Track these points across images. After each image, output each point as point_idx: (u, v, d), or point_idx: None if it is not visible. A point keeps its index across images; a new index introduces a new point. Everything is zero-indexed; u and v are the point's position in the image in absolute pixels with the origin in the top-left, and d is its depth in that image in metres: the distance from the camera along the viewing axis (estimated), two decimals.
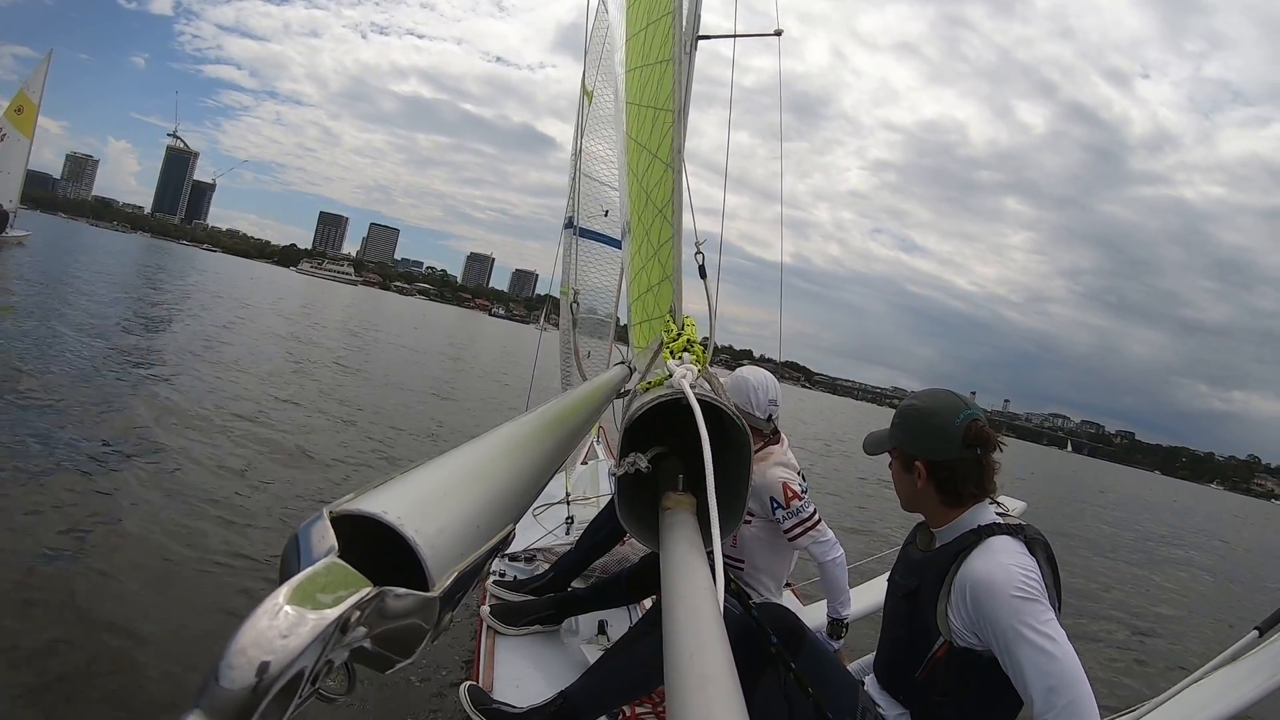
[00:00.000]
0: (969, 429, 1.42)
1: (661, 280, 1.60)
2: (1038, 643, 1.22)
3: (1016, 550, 1.34)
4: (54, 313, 10.29)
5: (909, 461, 1.49)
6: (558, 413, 0.86)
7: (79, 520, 3.53)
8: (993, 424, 1.48)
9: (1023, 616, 1.24)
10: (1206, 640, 6.18)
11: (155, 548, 3.46)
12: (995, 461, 1.46)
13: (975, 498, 1.44)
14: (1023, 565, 1.31)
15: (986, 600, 1.28)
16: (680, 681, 0.47)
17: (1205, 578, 10.79)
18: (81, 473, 4.13)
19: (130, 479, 4.24)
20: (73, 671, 2.44)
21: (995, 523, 1.41)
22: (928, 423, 1.47)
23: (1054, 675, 1.19)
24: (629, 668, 1.92)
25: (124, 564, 3.24)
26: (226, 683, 0.27)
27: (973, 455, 1.42)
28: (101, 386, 6.45)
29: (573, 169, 3.68)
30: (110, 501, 3.86)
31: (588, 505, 3.58)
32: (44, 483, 3.88)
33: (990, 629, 1.28)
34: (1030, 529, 1.42)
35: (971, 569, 1.34)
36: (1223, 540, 19.57)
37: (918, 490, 1.49)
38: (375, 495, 0.41)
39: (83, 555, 3.22)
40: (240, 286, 32.51)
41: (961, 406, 1.46)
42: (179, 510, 3.99)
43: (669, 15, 1.86)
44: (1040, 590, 1.28)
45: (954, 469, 1.43)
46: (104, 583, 3.04)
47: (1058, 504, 16.84)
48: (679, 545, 0.77)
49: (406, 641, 0.38)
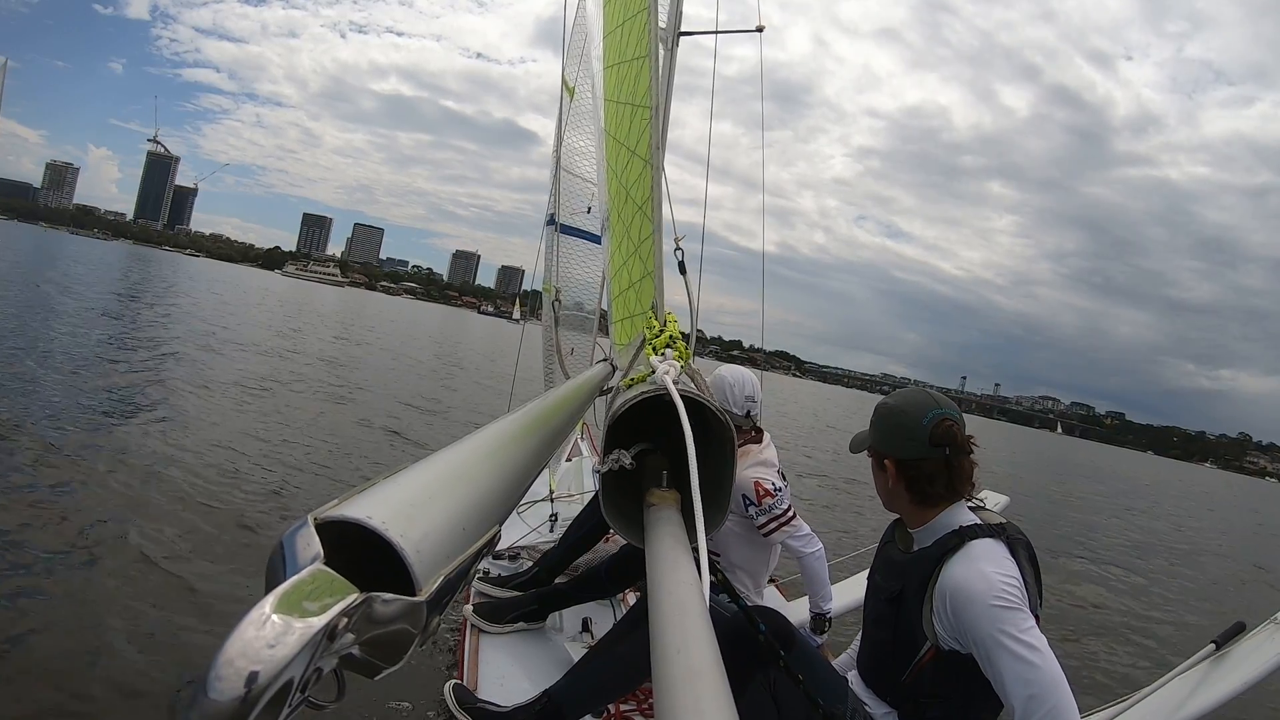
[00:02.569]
0: (936, 428, 1.42)
1: (643, 277, 1.60)
2: (1018, 651, 1.22)
3: (999, 555, 1.34)
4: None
5: (881, 460, 1.50)
6: (541, 412, 0.86)
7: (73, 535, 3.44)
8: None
9: (1003, 625, 1.24)
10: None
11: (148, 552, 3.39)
12: (969, 463, 1.45)
13: (946, 499, 1.44)
14: (1004, 570, 1.30)
15: (966, 608, 1.28)
16: (668, 677, 0.47)
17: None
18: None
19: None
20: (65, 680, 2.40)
21: (976, 524, 1.40)
22: (897, 421, 1.47)
23: (1035, 683, 1.20)
24: (613, 665, 1.93)
25: (116, 573, 3.18)
26: (215, 694, 0.27)
27: (940, 455, 1.42)
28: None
29: (554, 165, 3.66)
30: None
31: (572, 502, 3.58)
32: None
33: (970, 636, 1.28)
34: (1011, 528, 1.42)
35: (952, 576, 1.33)
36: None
37: (890, 489, 1.49)
38: (360, 500, 0.41)
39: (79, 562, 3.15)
40: (223, 296, 29.84)
41: (931, 405, 1.45)
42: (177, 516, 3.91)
43: (645, 11, 1.85)
44: (1021, 597, 1.28)
45: (921, 468, 1.43)
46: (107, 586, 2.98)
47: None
48: (664, 541, 0.78)
49: (395, 647, 0.38)
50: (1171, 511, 19.97)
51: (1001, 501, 3.51)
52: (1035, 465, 28.88)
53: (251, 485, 4.83)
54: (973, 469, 1.47)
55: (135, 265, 46.74)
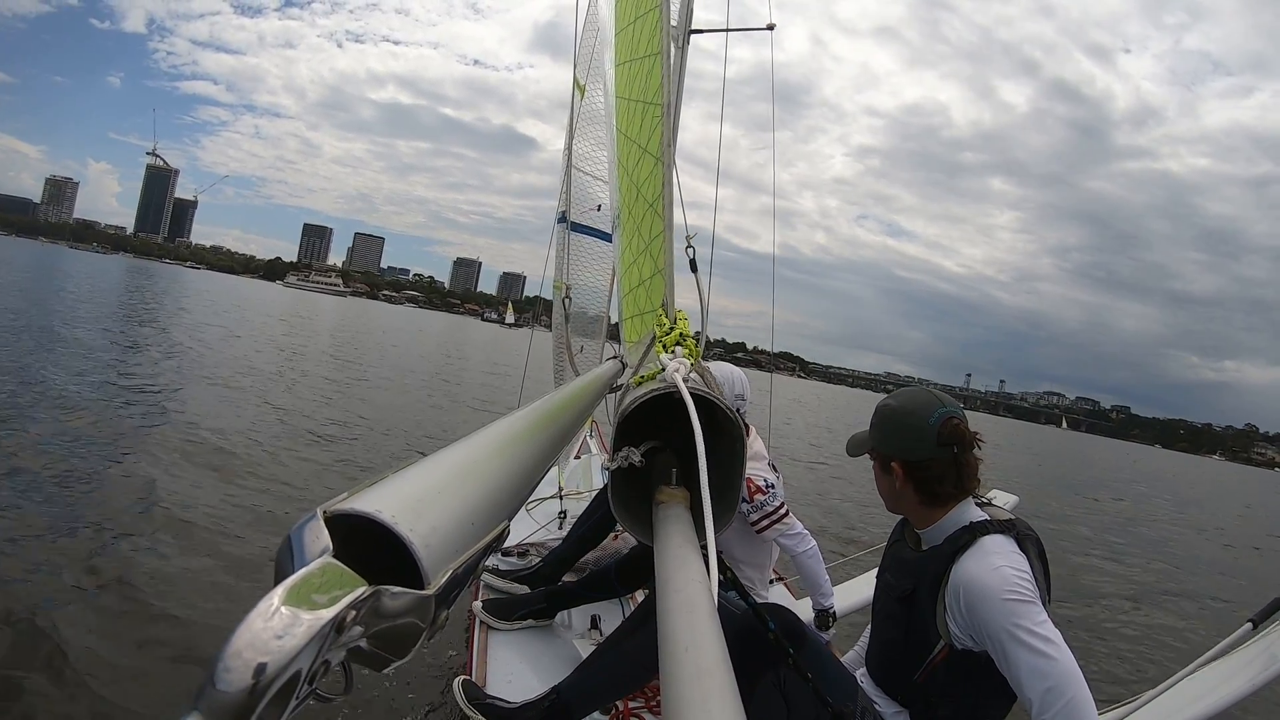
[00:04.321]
0: (944, 427, 1.41)
1: (653, 275, 1.60)
2: (1033, 645, 1.22)
3: (1009, 550, 1.34)
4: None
5: (886, 463, 1.49)
6: (550, 409, 0.86)
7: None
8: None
9: (1017, 619, 1.24)
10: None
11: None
12: (975, 459, 1.45)
13: (955, 497, 1.44)
14: (1015, 565, 1.30)
15: (979, 604, 1.28)
16: (676, 675, 0.47)
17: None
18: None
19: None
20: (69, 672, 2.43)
21: (986, 520, 1.40)
22: (902, 423, 1.46)
23: (1051, 676, 1.20)
24: (621, 662, 1.93)
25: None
26: (224, 685, 0.27)
27: (949, 454, 1.41)
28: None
29: (566, 163, 3.67)
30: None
31: (580, 499, 3.58)
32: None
33: (984, 632, 1.28)
34: (1020, 524, 1.42)
35: (964, 571, 1.33)
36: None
37: (896, 491, 1.48)
38: (369, 494, 0.41)
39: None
40: (223, 311, 28.39)
41: (936, 405, 1.44)
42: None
43: (657, 9, 1.85)
44: (1033, 591, 1.28)
45: (930, 468, 1.42)
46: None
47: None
48: (673, 539, 0.77)
49: (402, 641, 0.38)
50: (1214, 507, 19.49)
51: (1011, 500, 3.49)
52: (1053, 459, 28.42)
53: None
54: (978, 465, 1.46)
55: (132, 279, 45.87)
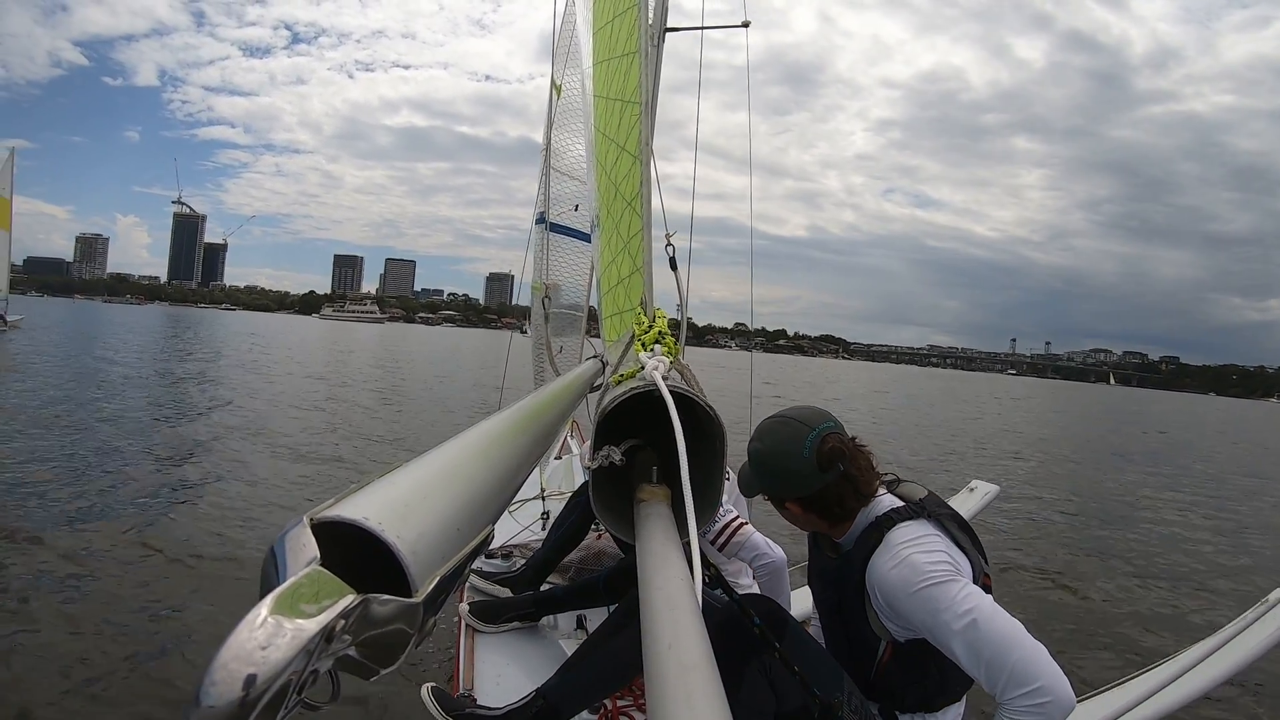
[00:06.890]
0: (821, 452, 1.36)
1: (632, 273, 1.60)
2: (955, 626, 1.21)
3: (919, 534, 1.32)
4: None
5: (780, 504, 1.46)
6: (531, 410, 0.86)
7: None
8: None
9: (934, 606, 1.23)
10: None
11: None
12: (866, 455, 1.42)
13: (861, 504, 1.41)
14: (925, 548, 1.29)
15: (896, 602, 1.28)
16: (660, 672, 0.47)
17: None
18: None
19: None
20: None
21: (893, 510, 1.38)
22: (777, 465, 1.41)
23: (986, 647, 1.18)
24: (605, 661, 1.92)
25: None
26: (214, 698, 0.27)
27: (836, 475, 1.37)
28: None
29: (544, 164, 3.65)
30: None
31: (563, 500, 3.57)
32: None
33: (913, 624, 1.29)
34: (931, 502, 1.40)
35: (876, 572, 1.32)
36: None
37: (801, 520, 1.46)
38: (355, 500, 0.41)
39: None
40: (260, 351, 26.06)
41: (804, 432, 1.38)
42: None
43: (635, 8, 1.85)
44: (948, 569, 1.26)
45: (824, 496, 1.38)
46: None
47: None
48: (654, 537, 0.78)
49: (391, 648, 0.38)
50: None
51: (992, 491, 3.35)
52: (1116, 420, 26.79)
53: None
54: (870, 461, 1.43)
55: (168, 326, 43.76)
